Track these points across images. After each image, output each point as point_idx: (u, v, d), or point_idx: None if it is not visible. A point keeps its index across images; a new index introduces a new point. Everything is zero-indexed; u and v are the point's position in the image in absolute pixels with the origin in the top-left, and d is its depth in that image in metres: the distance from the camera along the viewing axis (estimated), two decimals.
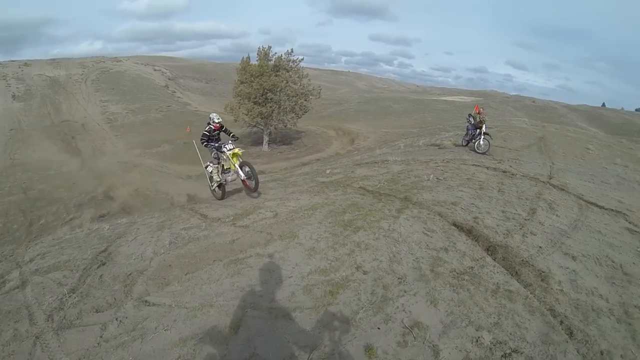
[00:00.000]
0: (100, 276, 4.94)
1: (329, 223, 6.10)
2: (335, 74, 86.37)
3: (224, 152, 8.57)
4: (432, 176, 8.82)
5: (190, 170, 21.59)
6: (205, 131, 8.82)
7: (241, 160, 8.51)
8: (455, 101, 53.09)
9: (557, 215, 6.79)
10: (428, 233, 5.76)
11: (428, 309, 4.11)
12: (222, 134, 9.14)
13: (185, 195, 16.49)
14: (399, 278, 4.62)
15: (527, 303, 4.30)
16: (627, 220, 7.36)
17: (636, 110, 66.05)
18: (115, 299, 4.44)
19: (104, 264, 5.29)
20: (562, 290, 4.62)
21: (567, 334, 3.95)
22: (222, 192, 9.13)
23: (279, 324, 3.91)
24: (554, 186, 8.52)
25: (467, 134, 14.00)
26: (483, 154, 12.63)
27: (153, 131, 33.11)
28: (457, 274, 4.73)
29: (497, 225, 6.12)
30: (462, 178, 8.66)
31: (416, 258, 5.06)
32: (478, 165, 10.15)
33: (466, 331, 3.83)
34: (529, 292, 4.49)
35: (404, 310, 4.07)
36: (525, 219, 6.47)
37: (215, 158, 8.97)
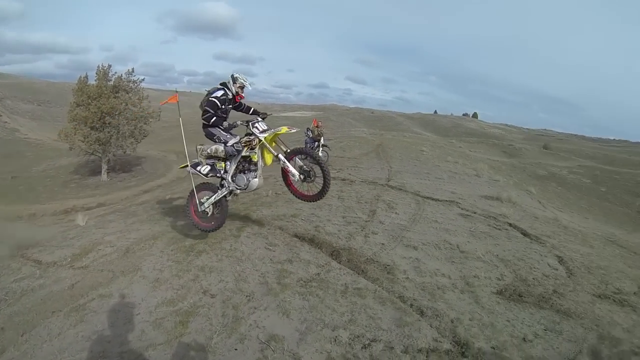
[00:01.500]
0: None
1: (172, 251, 6.10)
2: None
3: (254, 134, 5.91)
4: (270, 192, 9.32)
5: (20, 211, 18.74)
6: (217, 98, 6.07)
7: (288, 149, 6.01)
8: (296, 116, 56.27)
9: (396, 213, 7.89)
10: (270, 247, 6.13)
11: (281, 320, 4.40)
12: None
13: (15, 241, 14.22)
14: (247, 296, 4.85)
15: (376, 296, 4.91)
16: (459, 207, 8.99)
17: (463, 115, 78.99)
18: None
19: None
20: (407, 277, 5.42)
21: (419, 314, 4.65)
22: (221, 212, 6.30)
23: None
24: (392, 187, 9.81)
25: (306, 147, 15.11)
26: None
27: None
28: (305, 282, 5.16)
29: (339, 231, 6.82)
30: None
31: (261, 273, 5.37)
32: None
33: (323, 333, 4.20)
34: (377, 286, 5.12)
35: (257, 326, 4.28)
36: (366, 221, 7.35)
37: (230, 146, 6.07)
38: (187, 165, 6.40)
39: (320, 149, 14.33)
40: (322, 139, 14.60)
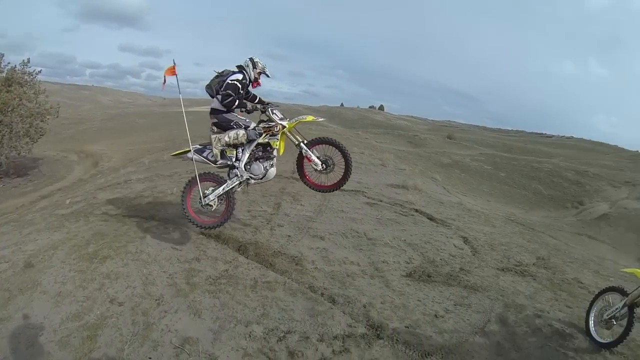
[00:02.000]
0: None
1: (74, 260, 5.55)
2: (78, 89, 78.76)
3: (274, 121, 5.66)
4: (175, 189, 8.93)
5: None
6: (238, 81, 5.67)
7: (305, 138, 5.77)
8: (201, 111, 54.82)
9: (301, 204, 7.91)
10: (177, 247, 5.84)
11: (193, 321, 4.22)
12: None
13: None
14: (156, 300, 4.59)
15: (287, 288, 4.88)
16: (365, 196, 9.22)
17: (369, 107, 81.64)
18: None
19: None
20: (316, 267, 5.47)
21: (330, 302, 4.72)
22: (229, 206, 5.78)
23: None
24: (297, 180, 9.79)
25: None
26: None
27: None
28: (214, 279, 4.99)
29: (245, 225, 6.67)
30: None
31: (170, 275, 5.10)
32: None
33: (237, 330, 4.10)
34: (286, 278, 5.10)
35: (170, 331, 4.07)
36: (272, 214, 7.29)
37: (252, 129, 5.70)
38: (187, 151, 5.79)
39: None
40: None
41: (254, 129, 5.71)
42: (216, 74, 5.89)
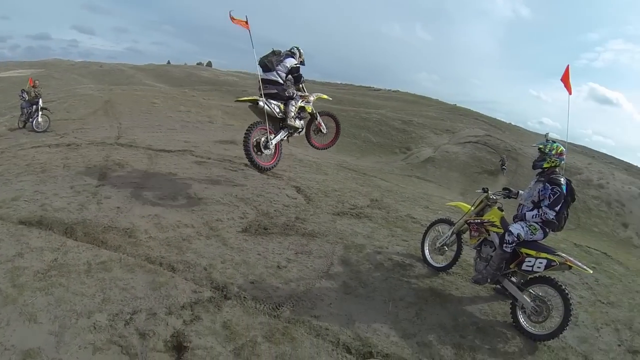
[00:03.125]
0: None
1: None
2: None
3: (307, 94, 8.21)
4: None
5: None
6: (298, 64, 7.84)
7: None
8: (12, 77, 46.11)
9: (128, 171, 7.30)
10: None
11: (30, 329, 3.52)
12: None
13: None
14: None
15: (123, 265, 4.43)
16: (194, 155, 8.98)
17: (197, 64, 77.70)
18: None
19: None
20: (150, 237, 5.07)
21: (171, 271, 4.44)
22: (279, 151, 8.02)
23: None
24: (122, 145, 9.06)
25: (22, 114, 13.26)
26: (44, 131, 12.21)
27: None
28: (43, 274, 4.20)
29: (69, 204, 5.84)
30: (21, 166, 7.79)
31: None
32: (38, 146, 9.41)
33: (80, 325, 3.57)
34: (121, 254, 4.62)
35: (6, 349, 3.28)
36: (97, 186, 6.53)
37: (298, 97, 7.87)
38: (255, 100, 7.18)
39: (39, 113, 12.66)
40: (40, 100, 12.88)
41: (299, 97, 7.88)
42: (272, 50, 7.60)
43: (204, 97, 27.46)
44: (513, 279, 4.73)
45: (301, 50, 7.94)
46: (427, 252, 5.63)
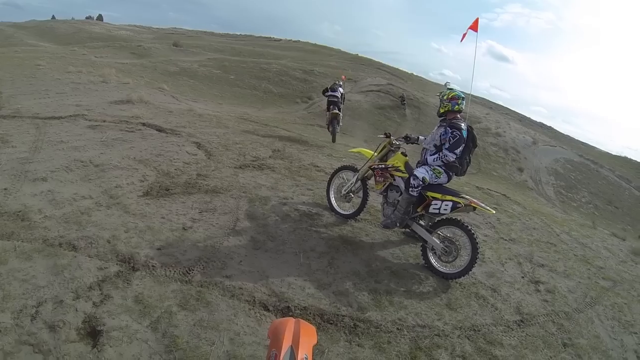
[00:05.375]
0: None
1: None
2: None
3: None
4: None
5: None
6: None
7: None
8: None
9: (13, 146, 6.48)
10: None
11: None
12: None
13: None
14: None
15: (19, 253, 3.91)
16: (86, 119, 8.27)
17: (86, 18, 70.28)
18: None
19: None
20: (46, 216, 4.56)
21: (72, 250, 4.01)
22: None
23: None
24: (4, 117, 8.04)
25: None
26: None
27: None
28: None
29: None
30: None
31: None
32: None
33: None
34: (15, 242, 4.08)
35: None
36: None
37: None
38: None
39: None
40: None
41: None
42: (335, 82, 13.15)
43: (95, 55, 25.11)
44: (421, 222, 4.98)
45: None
46: (333, 200, 5.74)
